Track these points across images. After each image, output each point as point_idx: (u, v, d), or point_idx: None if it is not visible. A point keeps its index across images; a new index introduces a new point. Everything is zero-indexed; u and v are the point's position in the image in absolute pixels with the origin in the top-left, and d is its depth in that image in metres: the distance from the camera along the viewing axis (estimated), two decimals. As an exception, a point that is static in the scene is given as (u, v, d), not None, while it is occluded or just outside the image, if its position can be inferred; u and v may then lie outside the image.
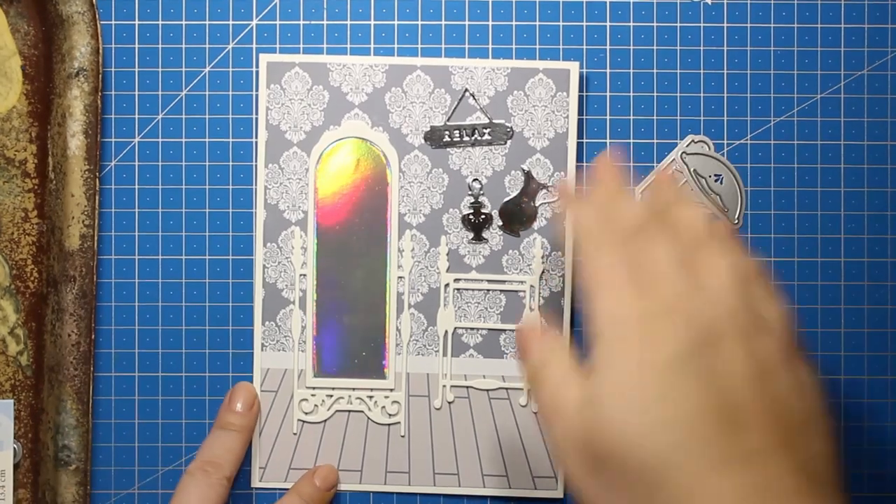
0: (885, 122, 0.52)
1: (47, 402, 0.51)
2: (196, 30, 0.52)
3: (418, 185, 0.52)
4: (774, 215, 0.52)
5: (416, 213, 0.52)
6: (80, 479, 0.50)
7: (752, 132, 0.52)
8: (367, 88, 0.51)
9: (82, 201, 0.50)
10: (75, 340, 0.50)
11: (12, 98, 0.52)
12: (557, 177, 0.51)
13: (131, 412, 0.52)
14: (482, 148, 0.51)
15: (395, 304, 0.52)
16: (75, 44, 0.50)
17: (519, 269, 0.51)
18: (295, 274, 0.52)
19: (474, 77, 0.51)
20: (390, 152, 0.52)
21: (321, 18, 0.52)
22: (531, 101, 0.51)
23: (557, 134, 0.51)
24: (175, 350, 0.52)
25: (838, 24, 0.52)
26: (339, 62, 0.51)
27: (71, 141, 0.50)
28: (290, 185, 0.52)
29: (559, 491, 0.51)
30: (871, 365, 0.52)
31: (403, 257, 0.52)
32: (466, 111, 0.51)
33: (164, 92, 0.52)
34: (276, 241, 0.52)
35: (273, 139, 0.51)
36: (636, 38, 0.52)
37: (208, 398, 0.52)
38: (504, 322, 0.52)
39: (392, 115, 0.51)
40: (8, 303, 0.51)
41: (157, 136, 0.52)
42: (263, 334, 0.52)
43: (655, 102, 0.52)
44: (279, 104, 0.51)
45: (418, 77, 0.51)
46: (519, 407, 0.51)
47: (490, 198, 0.52)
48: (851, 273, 0.52)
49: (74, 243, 0.50)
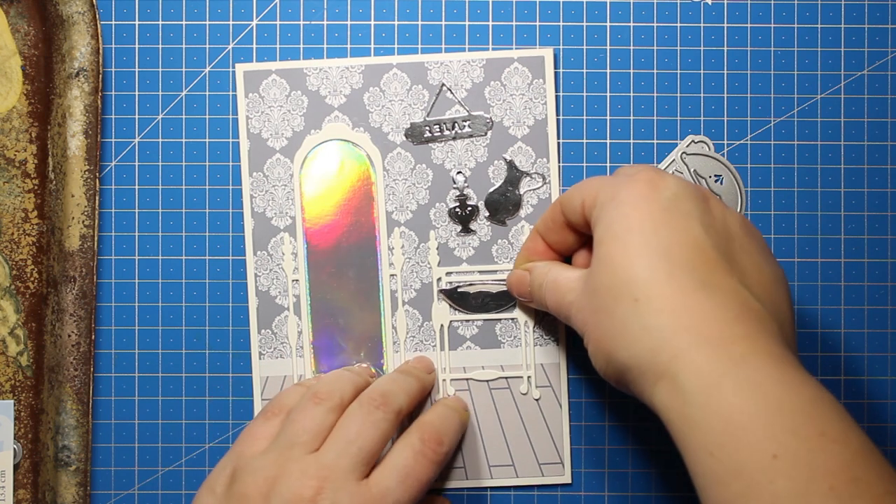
0: (885, 122, 0.52)
1: (47, 403, 0.51)
2: (196, 30, 0.52)
3: (403, 182, 0.52)
4: (774, 215, 0.52)
5: (403, 210, 0.52)
6: (80, 480, 0.50)
7: (752, 132, 0.52)
8: (346, 90, 0.51)
9: (82, 201, 0.50)
10: (75, 341, 0.50)
11: (12, 98, 0.52)
12: (540, 164, 0.51)
13: (131, 412, 0.52)
14: (463, 141, 0.52)
15: (390, 303, 0.52)
16: (75, 44, 0.50)
17: (509, 257, 0.52)
18: (287, 280, 0.52)
19: (450, 71, 0.51)
20: (373, 152, 0.52)
21: (321, 19, 0.52)
22: (508, 90, 0.51)
23: (537, 121, 0.51)
24: (175, 350, 0.52)
25: (838, 24, 0.52)
26: (316, 66, 0.51)
27: (71, 141, 0.50)
28: (276, 192, 0.52)
29: (566, 476, 0.51)
30: (871, 365, 0.52)
31: (394, 255, 0.52)
32: (445, 105, 0.52)
33: (164, 92, 0.52)
34: (266, 249, 0.52)
35: (255, 147, 0.52)
36: (636, 38, 0.52)
37: (208, 398, 0.52)
38: (497, 312, 0.52)
39: (372, 114, 0.52)
40: (8, 303, 0.51)
41: (157, 136, 0.52)
42: (260, 343, 0.52)
43: (655, 102, 0.52)
44: (259, 112, 0.51)
45: (395, 75, 0.52)
46: (520, 395, 0.52)
47: (475, 189, 0.52)
48: (851, 274, 0.52)
49: (74, 244, 0.50)
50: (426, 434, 0.46)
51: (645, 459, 0.52)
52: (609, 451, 0.52)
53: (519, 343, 0.52)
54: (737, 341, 0.38)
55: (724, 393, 0.37)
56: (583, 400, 0.52)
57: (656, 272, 0.39)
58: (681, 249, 0.40)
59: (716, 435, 0.36)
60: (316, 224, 0.52)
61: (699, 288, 0.39)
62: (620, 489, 0.52)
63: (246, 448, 0.45)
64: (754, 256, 0.42)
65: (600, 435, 0.52)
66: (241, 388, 0.52)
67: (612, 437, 0.52)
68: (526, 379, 0.52)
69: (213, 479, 0.45)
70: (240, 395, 0.52)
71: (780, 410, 0.36)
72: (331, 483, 0.43)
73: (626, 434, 0.52)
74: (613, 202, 0.42)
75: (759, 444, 0.35)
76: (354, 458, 0.44)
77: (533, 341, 0.52)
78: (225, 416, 0.52)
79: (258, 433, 0.46)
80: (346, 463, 0.43)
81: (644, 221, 0.41)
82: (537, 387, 0.52)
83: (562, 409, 0.51)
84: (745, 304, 0.39)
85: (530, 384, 0.52)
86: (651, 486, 0.52)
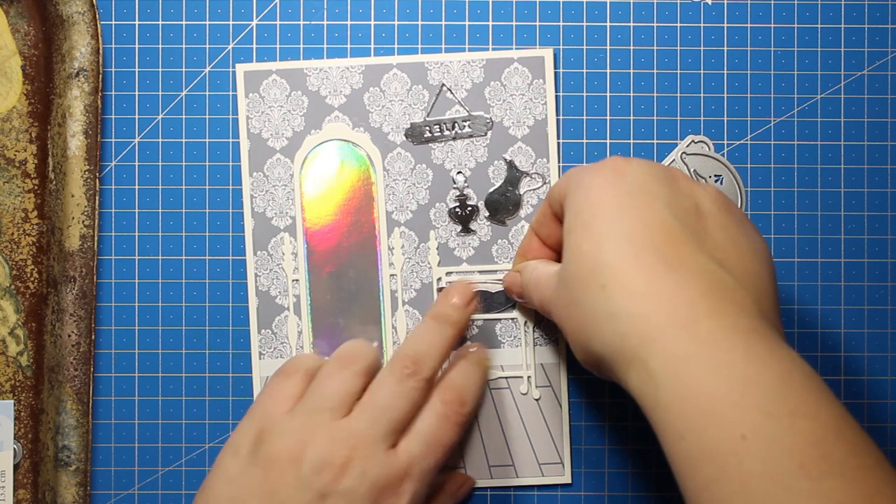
0: (885, 122, 0.52)
1: (47, 403, 0.51)
2: (196, 30, 0.52)
3: (403, 182, 0.52)
4: (774, 215, 0.52)
5: (403, 210, 0.52)
6: (80, 480, 0.50)
7: (752, 132, 0.52)
8: (346, 90, 0.52)
9: (82, 201, 0.50)
10: (75, 341, 0.50)
11: (12, 98, 0.52)
12: (540, 164, 0.51)
13: (131, 412, 0.52)
14: (463, 141, 0.52)
15: (390, 303, 0.52)
16: (75, 44, 0.50)
17: (509, 257, 0.52)
18: (287, 280, 0.52)
19: (450, 71, 0.51)
20: (373, 152, 0.52)
21: (321, 19, 0.52)
22: (508, 90, 0.51)
23: (537, 121, 0.51)
24: (175, 350, 0.52)
25: (838, 24, 0.52)
26: (316, 66, 0.51)
27: (71, 141, 0.50)
28: (276, 192, 0.52)
29: (566, 476, 0.51)
30: (871, 365, 0.52)
31: (394, 255, 0.52)
32: (445, 105, 0.52)
33: (164, 92, 0.52)
34: (267, 249, 0.52)
35: (255, 147, 0.52)
36: (636, 38, 0.52)
37: (208, 398, 0.52)
38: (498, 312, 0.52)
39: (372, 114, 0.52)
40: (8, 303, 0.51)
41: (157, 136, 0.52)
42: (260, 343, 0.52)
43: (655, 102, 0.52)
44: (259, 112, 0.51)
45: (395, 75, 0.52)
46: (520, 395, 0.52)
47: (475, 189, 0.52)
48: (851, 274, 0.52)
49: (74, 244, 0.50)
50: (449, 396, 0.46)
51: (645, 459, 0.52)
52: (609, 451, 0.52)
53: (519, 343, 0.52)
54: (702, 319, 0.37)
55: (691, 375, 0.36)
56: (583, 400, 0.52)
57: (622, 257, 0.39)
58: (646, 231, 0.39)
59: (685, 419, 0.36)
60: (316, 224, 0.52)
61: (665, 268, 0.38)
62: (620, 489, 0.52)
63: (270, 409, 0.45)
64: (730, 231, 0.41)
65: (600, 435, 0.52)
66: (241, 388, 0.52)
67: (612, 437, 0.52)
68: (526, 379, 0.52)
69: (236, 441, 0.44)
70: (240, 395, 0.52)
71: (747, 390, 0.35)
72: (360, 451, 0.43)
73: (626, 434, 0.52)
74: (579, 189, 0.42)
75: (728, 426, 0.35)
76: (385, 428, 0.44)
77: (533, 341, 0.52)
78: (225, 416, 0.52)
79: (280, 393, 0.46)
80: (376, 433, 0.44)
81: (609, 207, 0.40)
82: (537, 387, 0.52)
83: (562, 409, 0.52)
84: (713, 279, 0.38)
85: (530, 384, 0.52)
86: (651, 486, 0.52)
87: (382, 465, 0.43)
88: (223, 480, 0.43)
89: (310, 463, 0.42)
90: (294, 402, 0.45)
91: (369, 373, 0.46)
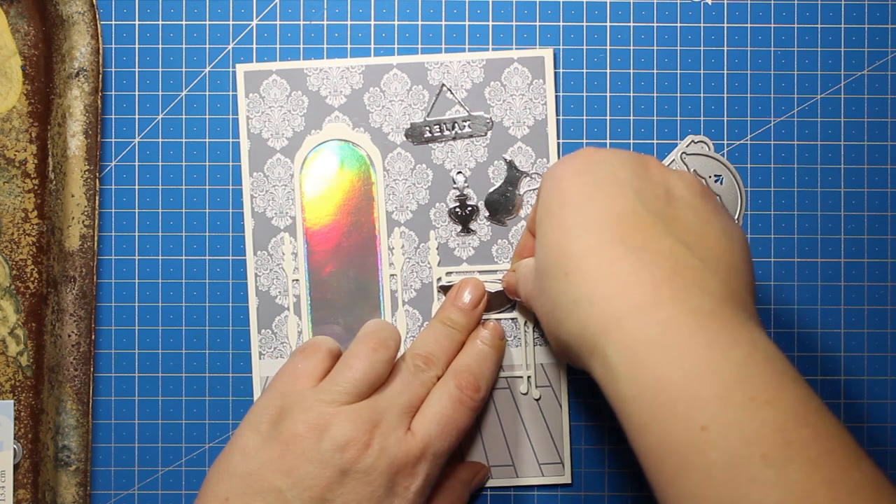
0: (885, 122, 0.52)
1: (47, 403, 0.51)
2: (196, 30, 0.52)
3: (403, 182, 0.52)
4: (774, 215, 0.52)
5: (404, 210, 0.52)
6: (80, 480, 0.50)
7: (752, 132, 0.52)
8: (346, 90, 0.52)
9: (82, 201, 0.50)
10: (75, 341, 0.50)
11: (12, 98, 0.52)
12: (540, 164, 0.51)
13: (131, 412, 0.52)
14: (463, 141, 0.52)
15: (390, 302, 0.52)
16: (75, 44, 0.50)
17: (509, 257, 0.52)
18: (287, 280, 0.52)
19: (450, 71, 0.52)
20: (373, 152, 0.52)
21: (321, 19, 0.52)
22: (508, 90, 0.51)
23: (537, 121, 0.51)
24: (175, 350, 0.52)
25: (838, 24, 0.52)
26: (316, 66, 0.51)
27: (71, 141, 0.50)
28: (276, 192, 0.52)
29: (566, 476, 0.51)
30: (871, 365, 0.52)
31: (394, 255, 0.52)
32: (445, 105, 0.52)
33: (164, 92, 0.52)
34: (267, 249, 0.52)
35: (256, 147, 0.52)
36: (636, 38, 0.52)
37: (208, 398, 0.52)
38: (498, 312, 0.52)
39: (372, 114, 0.52)
40: (8, 303, 0.51)
41: (157, 136, 0.52)
42: (260, 342, 0.52)
43: (655, 102, 0.52)
44: (259, 112, 0.52)
45: (395, 75, 0.52)
46: (520, 395, 0.52)
47: (475, 189, 0.52)
48: (851, 274, 0.52)
49: (74, 244, 0.50)
50: (463, 380, 0.47)
51: (645, 459, 0.52)
52: (609, 451, 0.52)
53: (519, 343, 0.52)
54: (664, 303, 0.36)
55: (650, 364, 0.35)
56: (583, 400, 0.52)
57: (585, 244, 0.38)
58: (612, 219, 0.39)
59: (646, 410, 0.35)
60: (316, 224, 0.52)
61: (629, 253, 0.38)
62: (620, 489, 0.52)
63: (292, 386, 0.45)
64: (702, 214, 0.40)
65: (600, 435, 0.52)
66: (241, 388, 0.52)
67: (612, 437, 0.52)
68: (526, 379, 0.52)
69: (256, 417, 0.45)
70: (240, 395, 0.52)
71: (707, 377, 0.34)
72: (381, 431, 0.44)
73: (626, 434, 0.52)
74: (550, 180, 0.42)
75: (688, 416, 0.34)
76: (403, 409, 0.45)
77: (533, 341, 0.52)
78: (225, 416, 0.52)
79: (302, 371, 0.46)
80: (395, 414, 0.45)
81: (576, 196, 0.40)
82: (537, 387, 0.52)
83: (562, 409, 0.52)
84: (679, 261, 0.37)
85: (530, 384, 0.52)
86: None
87: (401, 445, 0.44)
88: (241, 455, 0.44)
89: (331, 440, 0.43)
90: (316, 381, 0.45)
91: (394, 360, 0.47)
